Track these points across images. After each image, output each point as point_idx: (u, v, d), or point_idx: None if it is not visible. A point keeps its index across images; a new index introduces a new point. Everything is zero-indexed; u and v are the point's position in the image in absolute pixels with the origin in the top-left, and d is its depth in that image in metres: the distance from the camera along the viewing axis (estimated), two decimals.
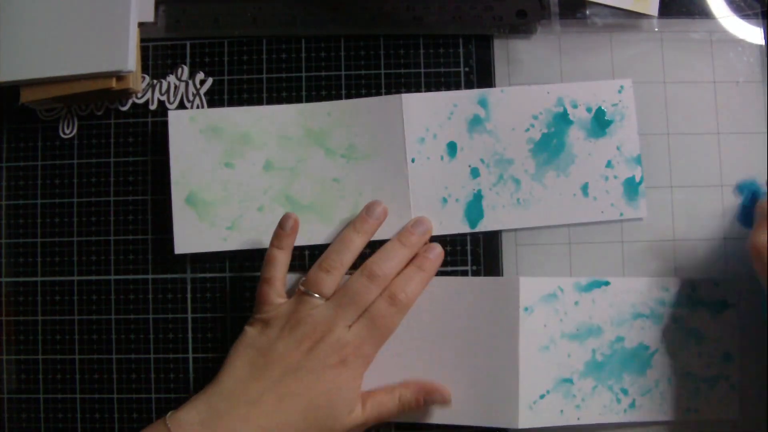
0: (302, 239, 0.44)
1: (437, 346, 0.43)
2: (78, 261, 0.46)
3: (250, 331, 0.41)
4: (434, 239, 0.45)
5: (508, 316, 0.43)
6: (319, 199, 0.45)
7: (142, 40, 0.47)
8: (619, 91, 0.45)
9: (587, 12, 0.46)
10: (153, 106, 0.47)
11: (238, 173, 0.45)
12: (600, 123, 0.45)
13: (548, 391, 0.43)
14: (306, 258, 0.45)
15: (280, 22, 0.47)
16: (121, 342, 0.46)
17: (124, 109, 0.47)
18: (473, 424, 0.43)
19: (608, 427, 0.44)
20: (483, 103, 0.45)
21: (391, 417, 0.42)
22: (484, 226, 0.44)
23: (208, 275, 0.46)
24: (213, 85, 0.47)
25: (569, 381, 0.43)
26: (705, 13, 0.46)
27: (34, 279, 0.46)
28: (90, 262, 0.46)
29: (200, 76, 0.47)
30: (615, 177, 0.45)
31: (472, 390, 0.43)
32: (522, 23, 0.46)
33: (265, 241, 0.44)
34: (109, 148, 0.47)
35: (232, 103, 0.46)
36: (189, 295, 0.46)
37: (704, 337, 0.44)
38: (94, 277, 0.46)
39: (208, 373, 0.45)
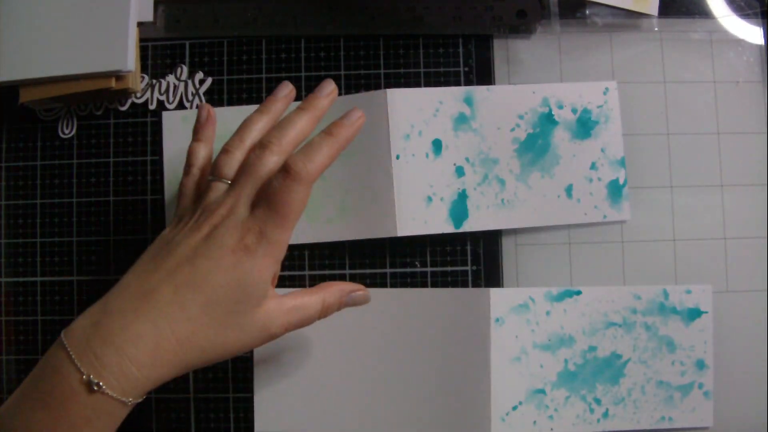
0: (290, 239, 0.44)
1: (408, 359, 0.43)
2: (78, 261, 0.46)
3: (164, 230, 0.37)
4: (421, 238, 0.45)
5: (479, 327, 0.43)
6: None
7: (141, 40, 0.47)
8: (604, 93, 0.45)
9: (587, 12, 0.46)
10: (152, 106, 0.47)
11: None
12: (585, 124, 0.45)
13: (521, 403, 0.43)
14: (305, 258, 0.45)
15: (280, 22, 0.47)
16: None
17: (124, 108, 0.47)
18: None
19: None
20: (468, 101, 0.45)
21: (311, 321, 0.37)
22: (469, 226, 0.44)
23: None
24: (212, 84, 0.47)
25: (542, 392, 0.43)
26: (705, 13, 0.46)
27: (33, 279, 0.46)
28: (90, 262, 0.46)
29: (199, 75, 0.47)
30: (599, 179, 0.44)
31: (443, 402, 0.43)
32: (522, 23, 0.46)
33: None
34: (108, 148, 0.47)
35: (231, 103, 0.46)
36: None
37: (677, 345, 0.44)
38: (93, 277, 0.46)
39: (207, 372, 0.45)
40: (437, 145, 0.44)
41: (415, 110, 0.44)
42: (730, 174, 0.45)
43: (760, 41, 0.46)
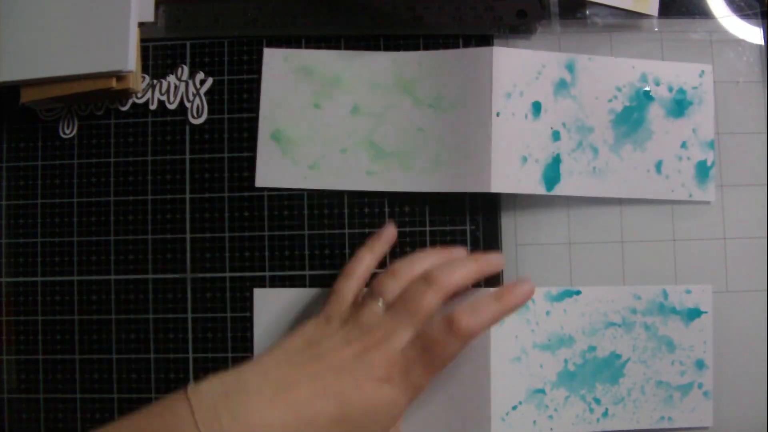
0: (381, 185, 0.45)
1: None
2: (78, 261, 0.46)
3: (309, 323, 0.39)
4: (508, 197, 0.45)
5: None
6: (402, 146, 0.45)
7: (142, 40, 0.47)
8: (700, 75, 0.45)
9: (587, 12, 0.46)
10: (153, 106, 0.47)
11: (326, 114, 0.46)
12: (680, 104, 0.45)
13: (520, 402, 0.43)
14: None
15: (280, 22, 0.47)
16: (121, 342, 0.46)
17: (124, 109, 0.47)
18: None
19: None
20: (570, 68, 0.45)
21: None
22: (561, 189, 0.44)
23: (208, 275, 0.46)
24: (213, 85, 0.47)
25: (541, 392, 0.43)
26: (705, 13, 0.46)
27: (34, 279, 0.46)
28: (90, 262, 0.46)
29: (200, 76, 0.47)
30: (688, 158, 0.45)
31: (443, 403, 0.43)
32: (522, 23, 0.46)
33: (344, 184, 0.45)
34: (109, 148, 0.47)
35: (232, 103, 0.46)
36: (189, 295, 0.46)
37: (677, 344, 0.44)
38: (94, 277, 0.46)
39: (208, 372, 0.45)
40: (537, 108, 0.44)
41: (518, 71, 0.44)
42: (730, 174, 0.45)
43: (760, 41, 0.46)
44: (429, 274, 0.38)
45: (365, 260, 0.42)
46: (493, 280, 0.45)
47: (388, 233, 0.43)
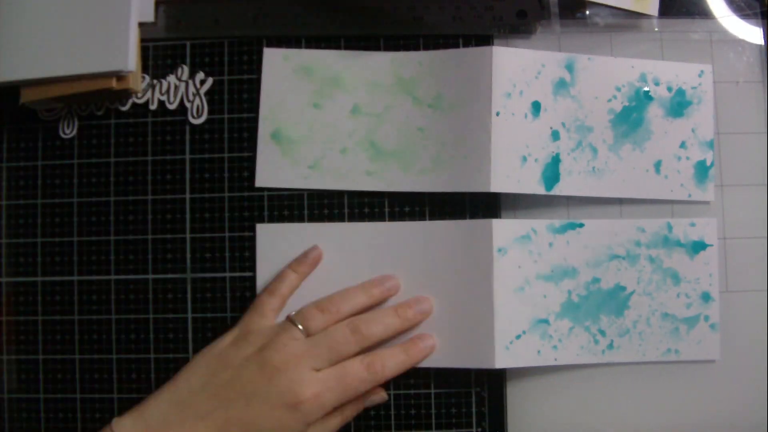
0: (381, 185, 0.45)
1: (412, 290, 0.44)
2: (78, 261, 0.46)
3: (227, 337, 0.42)
4: (508, 196, 0.45)
5: (482, 257, 0.43)
6: (402, 146, 0.45)
7: (142, 40, 0.47)
8: (699, 75, 0.45)
9: (587, 12, 0.46)
10: (153, 107, 0.47)
11: (326, 114, 0.46)
12: (679, 104, 0.45)
13: (524, 332, 0.43)
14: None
15: (280, 22, 0.47)
16: (121, 342, 0.46)
17: (124, 109, 0.47)
18: (450, 366, 0.43)
19: (587, 368, 0.44)
20: (570, 67, 0.45)
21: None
22: (560, 189, 0.44)
23: (208, 275, 0.46)
24: (213, 85, 0.47)
25: (545, 322, 0.43)
26: (705, 13, 0.46)
27: (34, 279, 0.46)
28: (90, 262, 0.46)
29: (200, 76, 0.47)
30: (687, 158, 0.45)
31: (448, 332, 0.43)
32: (522, 23, 0.46)
33: (344, 184, 0.45)
34: (109, 148, 0.47)
35: (232, 103, 0.46)
36: (189, 295, 0.46)
37: (682, 277, 0.44)
38: (94, 277, 0.46)
39: None
40: (536, 107, 0.44)
41: (518, 70, 0.44)
42: (730, 174, 0.45)
43: (760, 41, 0.46)
44: (355, 324, 0.41)
45: (289, 279, 0.43)
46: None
47: (314, 254, 0.44)
